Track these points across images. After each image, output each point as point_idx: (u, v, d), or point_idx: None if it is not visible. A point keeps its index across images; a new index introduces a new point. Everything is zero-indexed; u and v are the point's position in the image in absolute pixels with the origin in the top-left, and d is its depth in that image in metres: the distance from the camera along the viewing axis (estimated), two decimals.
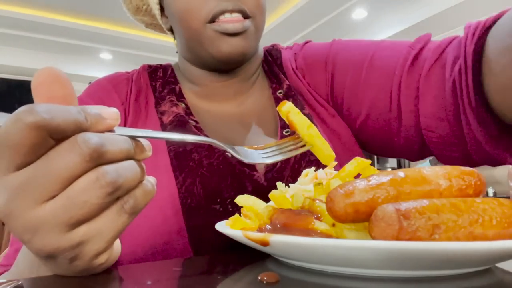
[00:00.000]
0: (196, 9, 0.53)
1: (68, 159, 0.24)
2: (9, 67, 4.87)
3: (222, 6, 0.52)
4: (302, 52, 0.65)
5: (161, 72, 0.64)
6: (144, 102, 0.59)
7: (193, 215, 0.48)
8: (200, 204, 0.48)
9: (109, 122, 0.27)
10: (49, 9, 3.95)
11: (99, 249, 0.27)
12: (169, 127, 0.55)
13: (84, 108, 0.26)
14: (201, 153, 0.51)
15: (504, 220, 0.23)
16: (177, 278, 0.31)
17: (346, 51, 0.59)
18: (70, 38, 4.53)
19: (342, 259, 0.25)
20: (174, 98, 0.59)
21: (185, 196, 0.48)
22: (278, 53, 0.67)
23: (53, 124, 0.23)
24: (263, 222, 0.32)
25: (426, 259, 0.22)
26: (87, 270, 0.28)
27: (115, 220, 0.26)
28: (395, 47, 0.54)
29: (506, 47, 0.37)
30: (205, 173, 0.50)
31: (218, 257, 0.41)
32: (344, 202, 0.25)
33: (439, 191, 0.26)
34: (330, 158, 0.36)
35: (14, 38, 4.48)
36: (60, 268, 0.28)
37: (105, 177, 0.25)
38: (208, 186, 0.49)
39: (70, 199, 0.24)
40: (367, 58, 0.56)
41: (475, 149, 0.46)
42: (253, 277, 0.27)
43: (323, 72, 0.61)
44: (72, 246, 0.25)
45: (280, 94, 0.62)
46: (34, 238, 0.24)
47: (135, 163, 0.28)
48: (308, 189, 0.37)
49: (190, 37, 0.56)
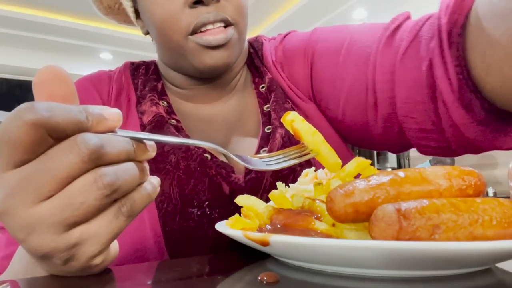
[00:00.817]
0: (175, 20, 0.49)
1: (66, 159, 0.24)
2: (9, 67, 4.87)
3: (203, 19, 0.49)
4: (282, 45, 0.62)
5: (144, 69, 0.62)
6: (126, 101, 0.57)
7: (169, 219, 0.47)
8: (176, 208, 0.47)
9: (111, 123, 0.27)
10: (49, 9, 3.95)
11: (95, 251, 0.26)
12: (148, 127, 0.53)
13: (86, 107, 0.26)
14: (178, 155, 0.50)
15: (504, 220, 0.23)
16: (177, 278, 0.31)
17: (324, 40, 0.56)
18: (70, 38, 4.53)
19: (342, 259, 0.25)
20: (155, 96, 0.57)
21: (161, 200, 0.47)
22: (259, 45, 0.64)
23: (52, 122, 0.23)
24: (263, 222, 0.32)
25: (426, 259, 0.22)
26: (82, 271, 0.28)
27: (112, 222, 0.26)
28: (371, 29, 0.51)
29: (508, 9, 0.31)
30: (182, 175, 0.49)
31: (218, 257, 0.41)
32: (344, 202, 0.25)
33: (439, 191, 0.26)
34: (337, 166, 0.35)
35: (14, 38, 4.48)
36: (55, 268, 0.28)
37: (103, 179, 0.24)
38: (184, 189, 0.48)
39: (67, 199, 0.24)
40: (343, 45, 0.52)
41: (455, 137, 0.43)
42: (253, 277, 0.27)
43: (301, 65, 0.58)
44: (67, 247, 0.25)
45: (263, 89, 0.60)
46: (30, 237, 0.24)
47: (134, 165, 0.28)
48: (308, 189, 0.37)
49: (170, 48, 0.53)
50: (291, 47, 0.60)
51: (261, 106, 0.59)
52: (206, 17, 0.49)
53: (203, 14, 0.49)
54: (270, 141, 0.54)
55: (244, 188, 0.50)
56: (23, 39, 4.50)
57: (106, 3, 0.64)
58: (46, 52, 4.93)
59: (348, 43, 0.52)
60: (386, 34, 0.48)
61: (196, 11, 0.49)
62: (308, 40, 0.58)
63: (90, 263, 0.27)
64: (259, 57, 0.63)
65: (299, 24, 4.29)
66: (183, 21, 0.49)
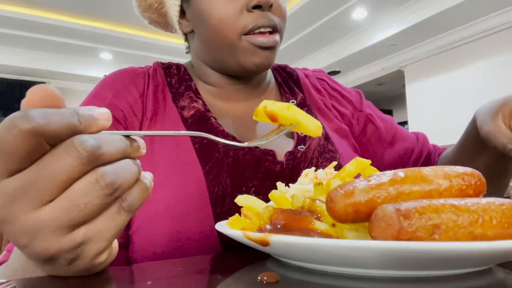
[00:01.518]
0: (232, 20, 0.55)
1: (66, 162, 0.24)
2: (9, 67, 4.87)
3: (259, 22, 0.55)
4: (328, 81, 0.75)
5: (175, 69, 0.66)
6: (162, 97, 0.60)
7: (219, 203, 0.50)
8: (226, 192, 0.51)
9: (102, 123, 0.27)
10: (49, 9, 3.95)
11: (100, 248, 0.27)
12: (190, 121, 0.57)
13: (76, 110, 0.26)
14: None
15: (504, 220, 0.23)
16: (177, 278, 0.31)
17: (373, 111, 0.74)
18: (70, 38, 4.53)
19: (342, 259, 0.25)
20: (192, 94, 0.61)
21: (213, 185, 0.51)
22: (293, 71, 0.74)
23: (49, 129, 0.23)
24: (263, 222, 0.32)
25: (426, 259, 0.22)
26: (87, 270, 0.28)
27: (115, 219, 0.27)
28: (407, 134, 0.75)
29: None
30: (231, 163, 0.53)
31: (218, 257, 0.41)
32: (344, 202, 0.25)
33: (439, 191, 0.26)
34: (318, 129, 0.37)
35: (14, 38, 4.48)
36: (59, 270, 0.28)
37: (104, 178, 0.25)
38: (234, 176, 0.52)
39: (70, 201, 0.24)
40: (391, 130, 0.73)
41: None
42: (253, 277, 0.27)
43: (350, 113, 0.72)
44: (73, 247, 0.25)
45: (293, 102, 0.66)
46: (34, 241, 0.24)
47: (131, 161, 0.28)
48: (308, 189, 0.37)
49: (221, 46, 0.58)
50: (341, 91, 0.74)
51: None
52: (263, 21, 0.56)
53: (259, 18, 0.56)
54: (308, 141, 0.60)
55: (286, 170, 0.55)
56: (23, 39, 4.50)
57: (150, 1, 0.66)
58: (46, 52, 4.93)
59: (394, 133, 0.73)
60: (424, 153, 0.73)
61: (253, 15, 0.56)
62: (360, 100, 0.74)
63: (95, 261, 0.27)
64: (294, 79, 0.72)
65: (299, 24, 4.29)
66: (242, 21, 0.56)
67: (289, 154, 0.57)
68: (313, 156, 0.58)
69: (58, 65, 5.08)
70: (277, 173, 0.55)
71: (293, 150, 0.58)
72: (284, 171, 0.55)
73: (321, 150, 0.59)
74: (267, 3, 0.55)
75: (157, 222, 0.48)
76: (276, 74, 0.72)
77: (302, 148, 0.59)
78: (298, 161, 0.57)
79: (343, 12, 4.07)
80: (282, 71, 0.74)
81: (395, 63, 4.87)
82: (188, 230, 0.48)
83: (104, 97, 0.57)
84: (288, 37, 4.62)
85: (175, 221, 0.48)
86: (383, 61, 5.05)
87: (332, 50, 4.93)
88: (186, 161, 0.52)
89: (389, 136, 0.72)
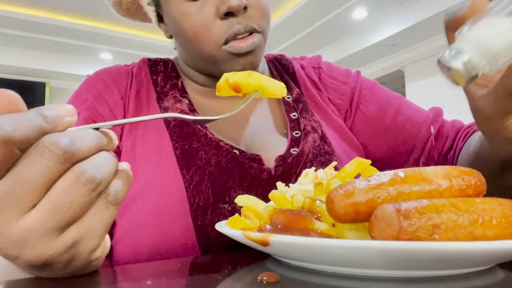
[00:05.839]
0: (207, 31, 0.52)
1: (41, 164, 0.23)
2: (9, 67, 4.87)
3: (235, 30, 0.51)
4: (324, 69, 0.69)
5: (162, 66, 0.63)
6: (145, 97, 0.58)
7: (200, 214, 0.48)
8: (207, 203, 0.48)
9: (68, 120, 0.26)
10: (49, 9, 3.95)
11: (94, 244, 0.26)
12: (173, 123, 0.54)
13: (40, 110, 0.25)
14: (209, 152, 0.51)
15: (504, 220, 0.23)
16: (177, 278, 0.31)
17: (372, 92, 0.66)
18: (70, 38, 4.53)
19: (342, 259, 0.25)
20: (177, 93, 0.59)
21: (193, 195, 0.48)
22: (288, 63, 0.69)
23: (17, 135, 0.22)
24: (263, 222, 0.32)
25: (426, 259, 0.22)
26: (83, 269, 0.28)
27: (103, 213, 0.26)
28: (417, 109, 0.64)
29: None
30: (214, 171, 0.50)
31: (218, 257, 0.41)
32: (344, 202, 0.25)
33: (439, 191, 0.26)
34: (283, 89, 0.37)
35: (14, 38, 4.47)
36: (57, 273, 0.27)
37: (84, 175, 0.24)
38: (216, 185, 0.49)
39: (54, 203, 0.24)
40: (393, 108, 0.63)
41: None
42: (253, 277, 0.27)
43: (347, 103, 0.66)
44: (66, 248, 0.25)
45: (288, 99, 0.63)
46: (24, 251, 0.24)
47: (108, 153, 0.27)
48: (308, 189, 0.37)
49: (200, 56, 0.56)
50: (337, 77, 0.68)
51: (287, 113, 0.62)
52: (238, 28, 0.52)
53: (234, 25, 0.51)
54: (302, 143, 0.56)
55: (274, 177, 0.51)
56: (23, 39, 4.49)
57: (125, 5, 0.64)
58: (46, 52, 4.93)
59: (397, 110, 0.63)
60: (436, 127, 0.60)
61: (227, 22, 0.51)
62: (355, 82, 0.67)
63: (91, 257, 0.27)
64: (290, 73, 0.68)
65: (299, 24, 4.29)
66: (216, 32, 0.52)
67: (279, 159, 0.53)
68: (307, 160, 0.54)
69: (58, 65, 5.07)
70: (264, 181, 0.51)
71: (284, 154, 0.54)
72: (272, 179, 0.51)
73: (316, 152, 0.55)
74: (239, 8, 0.50)
75: (139, 232, 0.47)
76: (271, 67, 0.68)
77: (295, 152, 0.55)
78: (289, 167, 0.53)
79: (343, 12, 4.07)
80: (277, 63, 0.69)
81: (395, 63, 4.87)
82: (169, 242, 0.47)
83: (85, 99, 0.55)
84: (288, 37, 4.62)
85: (156, 232, 0.47)
86: (383, 61, 5.05)
87: (332, 50, 4.93)
88: (167, 169, 0.50)
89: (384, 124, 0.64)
